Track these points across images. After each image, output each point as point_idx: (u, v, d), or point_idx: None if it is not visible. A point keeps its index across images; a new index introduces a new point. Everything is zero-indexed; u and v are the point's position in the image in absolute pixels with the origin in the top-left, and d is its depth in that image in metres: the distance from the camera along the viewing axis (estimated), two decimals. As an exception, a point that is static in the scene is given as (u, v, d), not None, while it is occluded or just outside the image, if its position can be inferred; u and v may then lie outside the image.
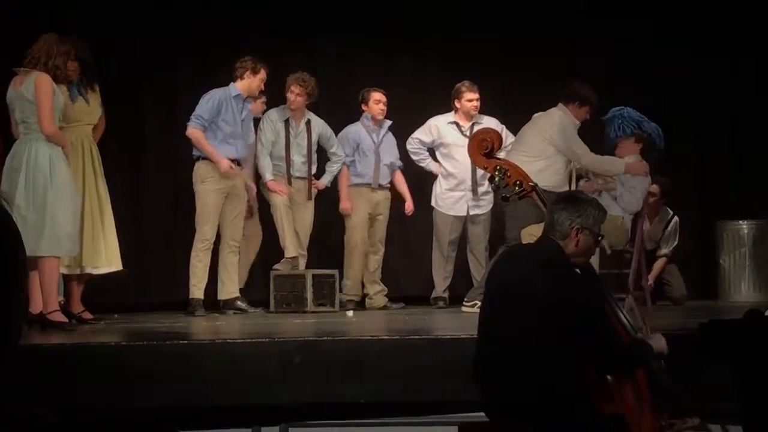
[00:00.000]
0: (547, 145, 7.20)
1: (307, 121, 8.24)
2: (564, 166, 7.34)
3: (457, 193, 8.39)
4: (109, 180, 6.81)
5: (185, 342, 5.32)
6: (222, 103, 7.58)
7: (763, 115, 9.17)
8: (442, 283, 8.45)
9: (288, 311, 7.64)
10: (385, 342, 5.15)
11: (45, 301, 5.98)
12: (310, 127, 8.23)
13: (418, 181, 8.79)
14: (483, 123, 8.07)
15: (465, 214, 8.40)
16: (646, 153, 7.43)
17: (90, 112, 6.68)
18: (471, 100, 8.31)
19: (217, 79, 8.00)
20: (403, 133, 8.63)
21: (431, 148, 8.54)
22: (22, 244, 1.89)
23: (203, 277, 7.56)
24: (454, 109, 8.42)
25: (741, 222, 8.90)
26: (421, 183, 8.75)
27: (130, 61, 8.79)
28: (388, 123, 8.54)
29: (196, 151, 7.62)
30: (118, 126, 7.80)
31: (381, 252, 8.54)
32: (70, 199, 6.08)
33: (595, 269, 4.75)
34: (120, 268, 6.77)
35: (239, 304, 7.67)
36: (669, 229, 8.54)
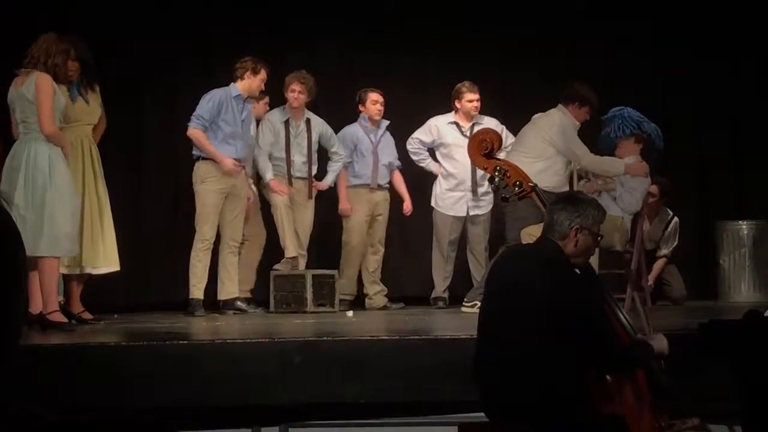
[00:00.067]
0: (546, 146, 7.20)
1: (307, 120, 8.23)
2: (564, 167, 7.34)
3: (457, 193, 8.39)
4: (109, 180, 6.80)
5: (185, 342, 5.32)
6: (222, 103, 7.58)
7: (763, 115, 9.16)
8: (442, 283, 8.45)
9: (288, 311, 7.63)
10: (384, 342, 5.15)
11: (45, 301, 5.98)
12: (310, 127, 8.22)
13: (418, 181, 8.79)
14: (483, 123, 8.07)
15: (465, 215, 8.39)
16: (645, 153, 7.43)
17: (90, 113, 6.68)
18: (471, 101, 8.31)
19: (217, 79, 8.00)
20: (403, 133, 8.62)
21: (431, 148, 8.54)
22: (23, 244, 1.89)
23: (203, 278, 7.56)
24: (454, 110, 8.42)
25: (741, 222, 8.90)
26: (421, 183, 8.74)
27: (130, 61, 8.79)
28: (385, 123, 8.53)
29: (195, 151, 7.62)
30: (118, 126, 7.80)
31: (381, 252, 8.54)
32: (69, 200, 6.07)
33: (595, 269, 4.75)
34: (118, 268, 6.77)
35: (239, 304, 7.67)
36: (669, 230, 8.54)
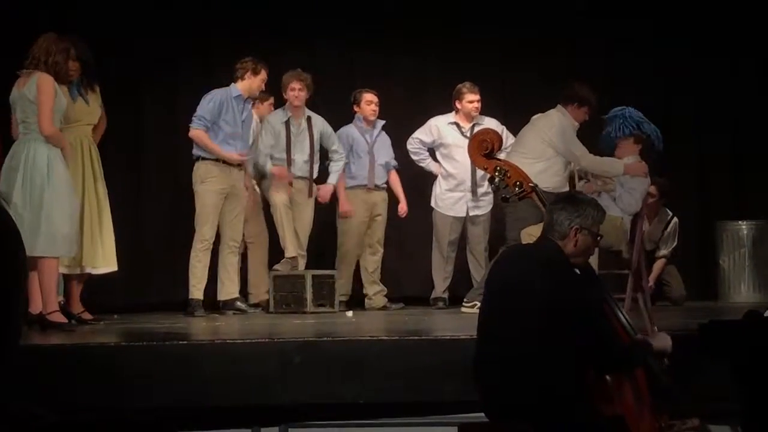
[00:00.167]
0: (546, 146, 7.19)
1: (308, 119, 8.20)
2: (563, 168, 7.33)
3: (457, 193, 8.38)
4: (108, 180, 6.80)
5: (185, 342, 5.32)
6: (223, 103, 7.57)
7: (763, 115, 9.16)
8: (442, 283, 8.44)
9: (287, 312, 7.63)
10: (384, 342, 5.15)
11: (44, 301, 5.98)
12: (311, 125, 8.20)
13: (417, 182, 8.78)
14: (483, 124, 8.06)
15: (464, 215, 8.39)
16: (644, 154, 7.42)
17: (90, 113, 6.67)
18: (472, 102, 8.30)
19: (217, 79, 8.00)
20: (403, 133, 8.62)
21: (431, 148, 8.54)
22: (22, 244, 1.89)
23: (203, 278, 7.56)
24: (454, 110, 8.41)
25: (741, 222, 8.90)
26: (421, 183, 8.74)
27: (130, 61, 8.79)
28: (381, 123, 8.52)
29: (195, 151, 7.62)
30: (118, 126, 7.79)
31: (380, 253, 8.52)
32: (67, 200, 6.07)
33: (594, 269, 4.75)
34: (116, 268, 6.77)
35: (239, 304, 7.67)
36: (668, 230, 8.54)
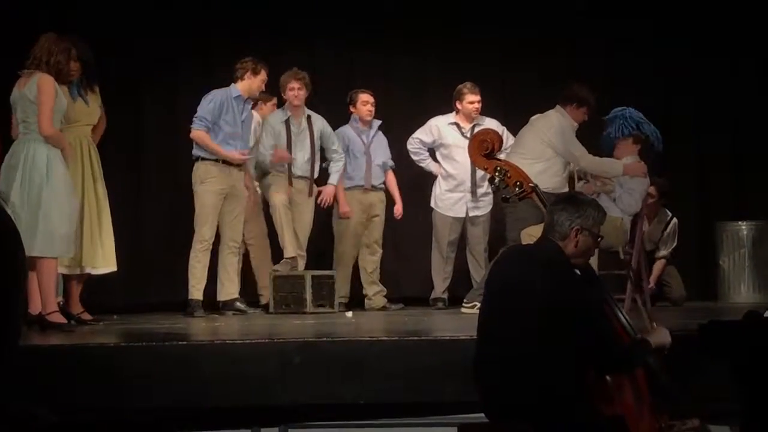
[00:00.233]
0: (545, 147, 7.19)
1: (308, 118, 8.19)
2: (563, 168, 7.33)
3: (457, 194, 8.37)
4: (108, 180, 6.79)
5: (184, 343, 5.32)
6: (223, 103, 7.57)
7: (763, 115, 9.16)
8: (442, 284, 8.43)
9: (287, 312, 7.63)
10: (384, 343, 5.14)
11: (44, 302, 5.97)
12: (311, 123, 8.19)
13: (417, 182, 8.78)
14: (484, 125, 8.04)
15: (464, 216, 8.38)
16: (644, 154, 7.42)
17: (89, 113, 6.67)
18: (472, 102, 8.29)
19: (217, 79, 7.99)
20: (403, 133, 8.61)
21: (431, 148, 8.53)
22: (22, 244, 1.89)
23: (202, 278, 7.55)
24: (455, 111, 8.40)
25: (740, 223, 8.89)
26: (420, 183, 8.73)
27: (130, 61, 8.79)
28: (377, 123, 8.51)
29: (195, 152, 7.61)
30: (118, 126, 7.79)
31: (378, 253, 8.51)
32: (65, 201, 6.06)
33: (595, 270, 4.75)
34: (115, 268, 6.76)
35: (238, 305, 7.66)
36: (668, 231, 8.53)
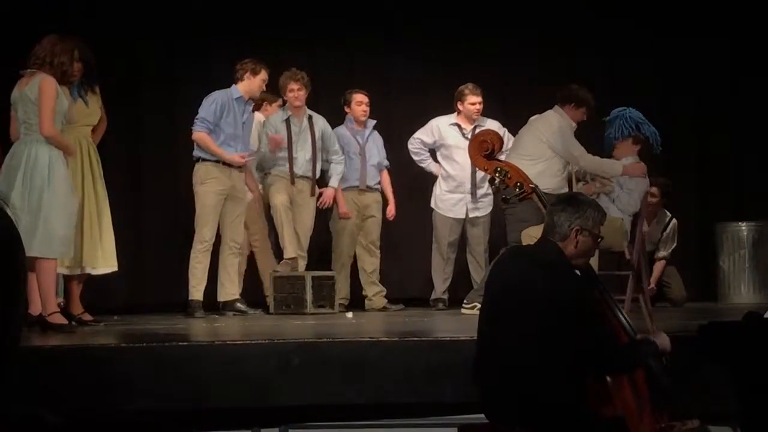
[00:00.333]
0: (545, 147, 7.19)
1: (309, 117, 8.19)
2: (562, 168, 7.33)
3: (457, 195, 8.36)
4: (108, 180, 6.79)
5: (185, 344, 5.32)
6: (224, 105, 7.57)
7: (763, 115, 9.16)
8: (442, 284, 8.42)
9: (287, 313, 7.62)
10: (384, 343, 5.14)
11: (44, 302, 5.97)
12: (312, 123, 8.18)
13: (418, 182, 8.78)
14: (485, 126, 8.02)
15: (464, 217, 8.38)
16: (644, 154, 7.41)
17: (89, 114, 6.66)
18: (474, 104, 8.27)
19: (217, 80, 8.00)
20: (403, 134, 8.61)
21: (432, 149, 8.52)
22: (22, 245, 1.89)
23: (203, 279, 7.55)
24: (456, 111, 8.39)
25: (740, 224, 8.89)
26: (421, 184, 8.73)
27: (130, 61, 8.79)
28: (372, 123, 8.50)
29: (196, 153, 7.61)
30: (118, 126, 7.79)
31: (377, 253, 8.48)
32: (66, 202, 6.06)
33: (595, 270, 4.75)
34: (116, 268, 6.76)
35: (239, 305, 7.66)
36: (667, 232, 8.53)
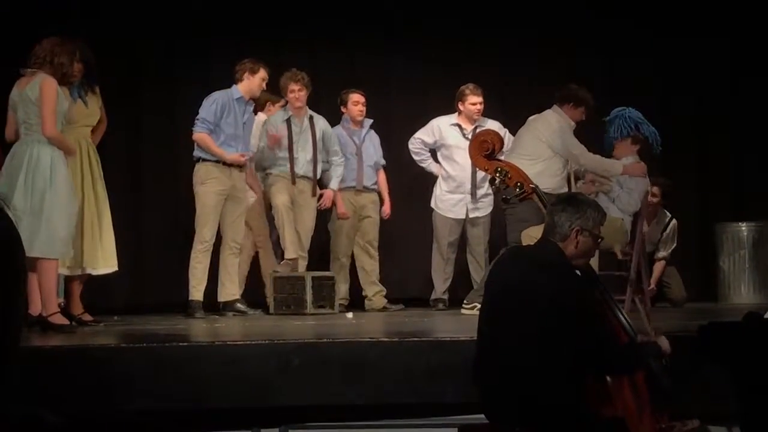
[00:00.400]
0: (544, 147, 7.19)
1: (310, 118, 8.18)
2: (562, 168, 7.33)
3: (457, 195, 8.35)
4: (108, 180, 6.79)
5: (185, 344, 5.32)
6: (225, 105, 7.57)
7: (763, 115, 9.16)
8: (442, 284, 8.42)
9: (287, 313, 7.62)
10: (384, 344, 5.14)
11: (44, 303, 5.97)
12: (313, 123, 8.17)
13: (418, 182, 8.78)
14: (486, 126, 8.02)
15: (464, 217, 8.37)
16: (644, 154, 7.41)
17: (88, 115, 6.66)
18: (475, 104, 8.26)
19: (217, 80, 8.00)
20: (403, 134, 8.61)
21: (433, 149, 8.52)
22: (22, 245, 1.89)
23: (203, 279, 7.55)
24: (457, 112, 8.39)
25: (741, 224, 8.89)
26: (421, 184, 8.73)
27: (130, 61, 8.79)
28: (369, 122, 8.49)
29: (196, 153, 7.61)
30: (118, 126, 7.80)
31: (374, 254, 8.45)
32: (67, 203, 6.07)
33: (595, 270, 4.75)
34: (116, 268, 6.76)
35: (239, 306, 7.66)
36: (667, 232, 8.52)
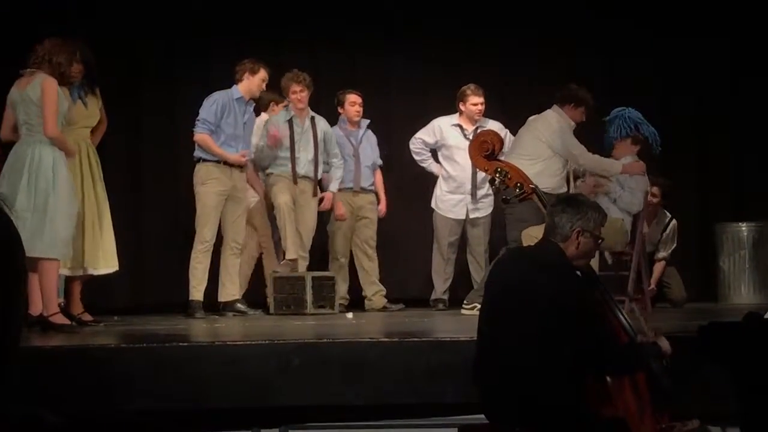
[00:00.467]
0: (544, 147, 7.20)
1: (312, 118, 8.18)
2: (561, 168, 7.33)
3: (457, 196, 8.35)
4: (108, 180, 6.79)
5: (185, 344, 5.32)
6: (225, 106, 7.57)
7: (763, 115, 9.16)
8: (442, 285, 8.42)
9: (287, 313, 7.62)
10: (384, 344, 5.14)
11: (45, 303, 5.98)
12: (314, 124, 8.16)
13: (418, 182, 8.78)
14: (487, 127, 8.02)
15: (464, 218, 8.37)
16: (643, 154, 7.42)
17: (88, 116, 6.66)
18: (476, 104, 8.25)
19: (217, 80, 8.00)
20: (403, 134, 8.61)
21: (433, 149, 8.52)
22: (22, 245, 1.89)
23: (203, 279, 7.55)
24: (458, 112, 8.38)
25: (741, 224, 8.88)
26: (421, 184, 8.73)
27: (130, 61, 8.79)
28: (366, 122, 8.49)
29: (197, 153, 7.60)
30: (118, 126, 7.79)
31: (373, 254, 8.44)
32: (69, 204, 6.08)
33: (595, 271, 4.75)
34: (116, 268, 6.76)
35: (239, 306, 7.66)
36: (667, 232, 8.52)
